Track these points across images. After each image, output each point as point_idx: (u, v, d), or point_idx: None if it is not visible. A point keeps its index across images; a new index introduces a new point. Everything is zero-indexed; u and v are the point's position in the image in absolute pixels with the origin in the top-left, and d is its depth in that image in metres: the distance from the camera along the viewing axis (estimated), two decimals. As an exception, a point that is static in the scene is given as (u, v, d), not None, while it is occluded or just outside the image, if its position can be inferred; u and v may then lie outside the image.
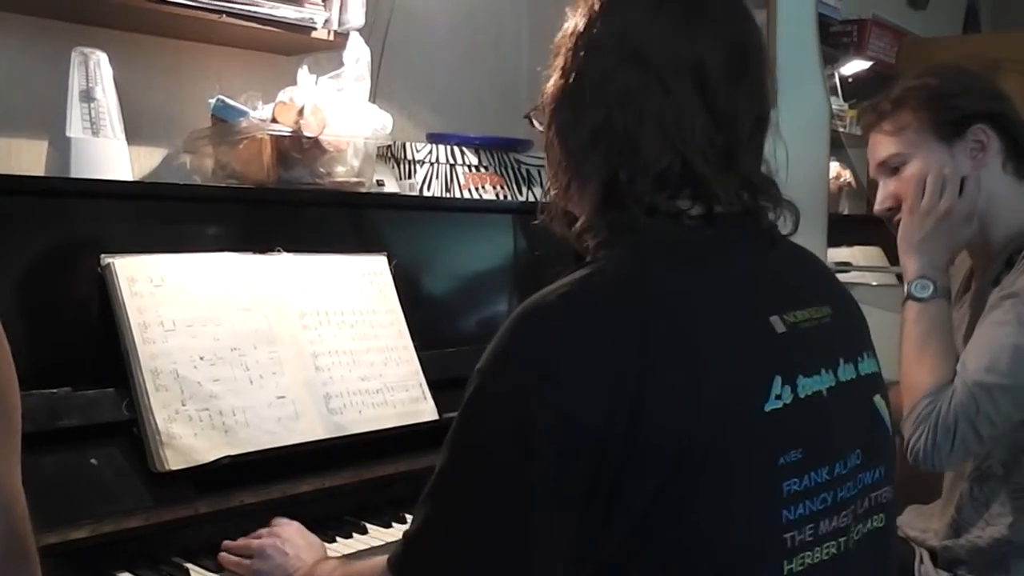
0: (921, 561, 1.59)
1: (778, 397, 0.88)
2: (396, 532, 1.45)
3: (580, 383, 0.83)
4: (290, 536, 1.29)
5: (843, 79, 3.23)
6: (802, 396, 0.90)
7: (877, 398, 1.01)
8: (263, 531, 1.32)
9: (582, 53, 0.96)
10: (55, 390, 1.31)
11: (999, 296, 1.43)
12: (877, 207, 1.63)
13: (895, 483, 1.01)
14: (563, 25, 1.01)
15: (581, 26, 0.97)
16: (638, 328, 0.84)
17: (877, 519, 0.98)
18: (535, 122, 1.10)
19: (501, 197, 2.07)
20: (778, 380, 0.88)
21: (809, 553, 0.89)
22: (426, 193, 1.97)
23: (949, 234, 1.54)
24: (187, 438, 1.34)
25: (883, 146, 1.59)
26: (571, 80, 0.96)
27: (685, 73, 0.92)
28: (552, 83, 0.99)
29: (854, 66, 3.30)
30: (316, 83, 1.72)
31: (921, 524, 1.62)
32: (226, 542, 1.32)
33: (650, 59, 0.92)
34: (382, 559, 0.98)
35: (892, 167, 1.59)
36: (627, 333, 0.84)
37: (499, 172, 2.09)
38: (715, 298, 0.90)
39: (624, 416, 0.82)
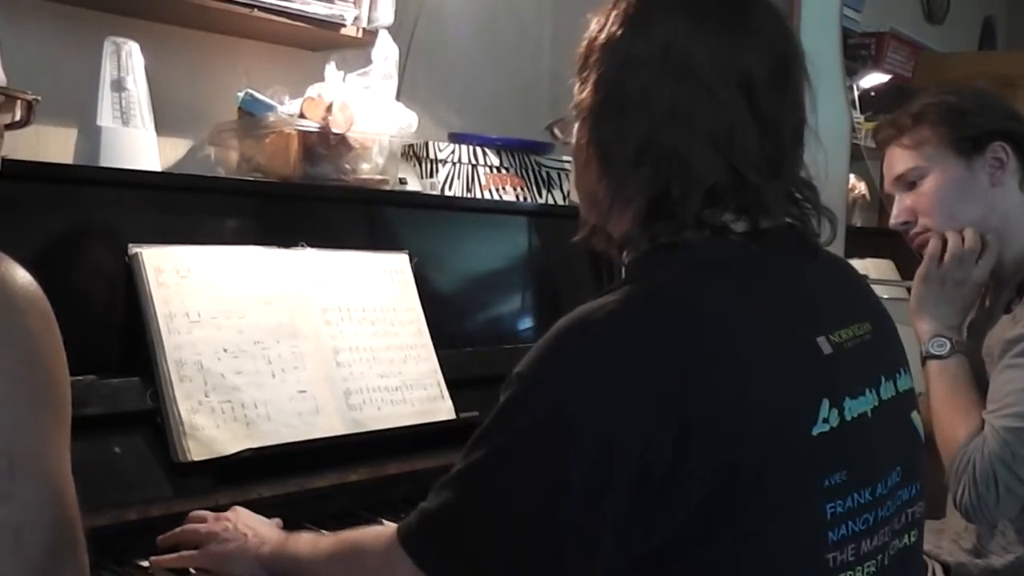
0: (933, 574, 1.60)
1: (825, 421, 0.87)
2: (412, 529, 1.45)
3: (624, 404, 0.83)
4: (241, 518, 1.21)
5: (861, 92, 3.24)
6: (848, 419, 0.90)
7: (914, 414, 1.02)
8: (207, 515, 1.23)
9: (619, 65, 0.93)
10: (80, 378, 1.30)
11: (1010, 340, 1.44)
12: (893, 221, 1.64)
13: (925, 498, 1.02)
14: (587, 32, 0.99)
15: (615, 37, 0.94)
16: (685, 350, 0.84)
17: (911, 535, 0.99)
18: (557, 133, 1.09)
19: (521, 199, 2.08)
20: (826, 404, 0.88)
21: (851, 573, 0.89)
22: (447, 193, 1.97)
23: (961, 299, 1.57)
24: (209, 429, 1.35)
25: (901, 160, 1.60)
26: (609, 95, 0.94)
27: (733, 83, 0.91)
28: (585, 96, 0.96)
29: (872, 79, 3.31)
30: (344, 80, 1.73)
31: (933, 539, 1.62)
32: (161, 538, 1.22)
33: (697, 71, 0.91)
34: (384, 530, 0.97)
35: (909, 181, 1.60)
36: (673, 356, 0.84)
37: (520, 174, 2.10)
38: (762, 320, 0.89)
39: (669, 439, 0.81)
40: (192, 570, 1.20)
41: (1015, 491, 1.38)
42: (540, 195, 2.12)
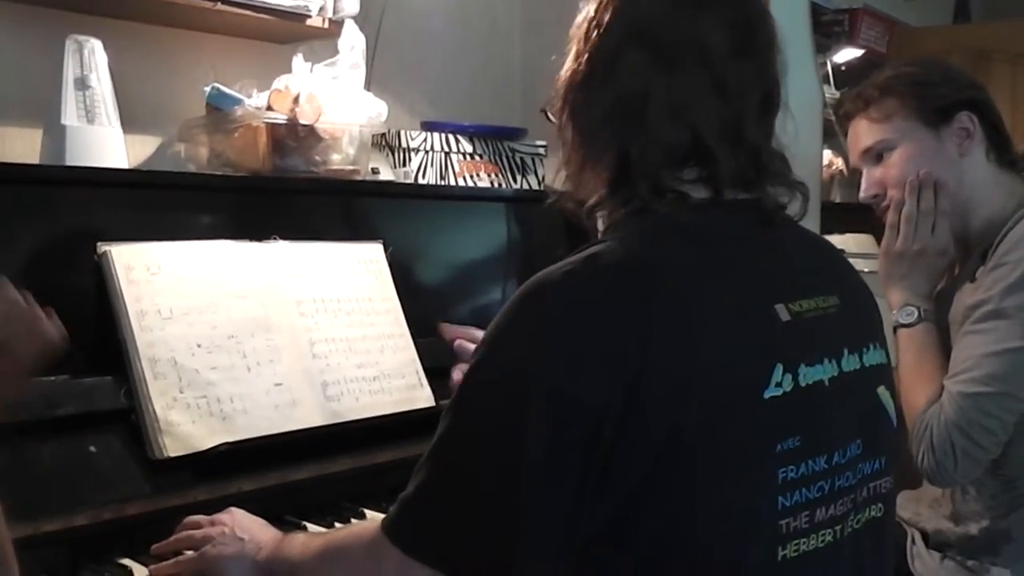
0: (913, 542, 1.61)
1: (778, 385, 0.88)
2: (394, 518, 1.45)
3: (578, 360, 0.84)
4: (237, 521, 1.21)
5: (835, 67, 3.24)
6: (803, 385, 0.90)
7: (881, 389, 1.02)
8: (202, 519, 1.23)
9: (592, 36, 0.98)
10: (53, 378, 1.31)
11: (970, 306, 1.45)
12: (863, 194, 1.64)
13: (896, 474, 1.02)
14: (576, 15, 1.03)
15: (592, 11, 0.99)
16: (640, 309, 0.85)
17: (876, 508, 0.99)
18: (550, 115, 1.11)
19: (495, 185, 2.08)
20: (779, 368, 0.89)
21: (804, 540, 0.90)
22: (421, 181, 1.97)
23: (926, 268, 1.57)
24: (185, 425, 1.34)
25: (869, 133, 1.60)
26: (582, 64, 0.98)
27: (689, 50, 0.94)
28: (566, 69, 1.01)
29: (846, 54, 3.32)
30: (311, 71, 1.72)
31: (912, 507, 1.64)
32: (156, 545, 1.22)
33: (654, 37, 0.94)
34: (370, 524, 0.98)
35: (877, 154, 1.60)
36: (628, 314, 0.85)
37: (493, 160, 2.09)
38: (720, 284, 0.90)
39: (620, 395, 0.83)
40: None
41: (972, 455, 1.39)
42: (515, 181, 2.12)
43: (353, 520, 1.43)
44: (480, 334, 1.03)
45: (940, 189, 1.54)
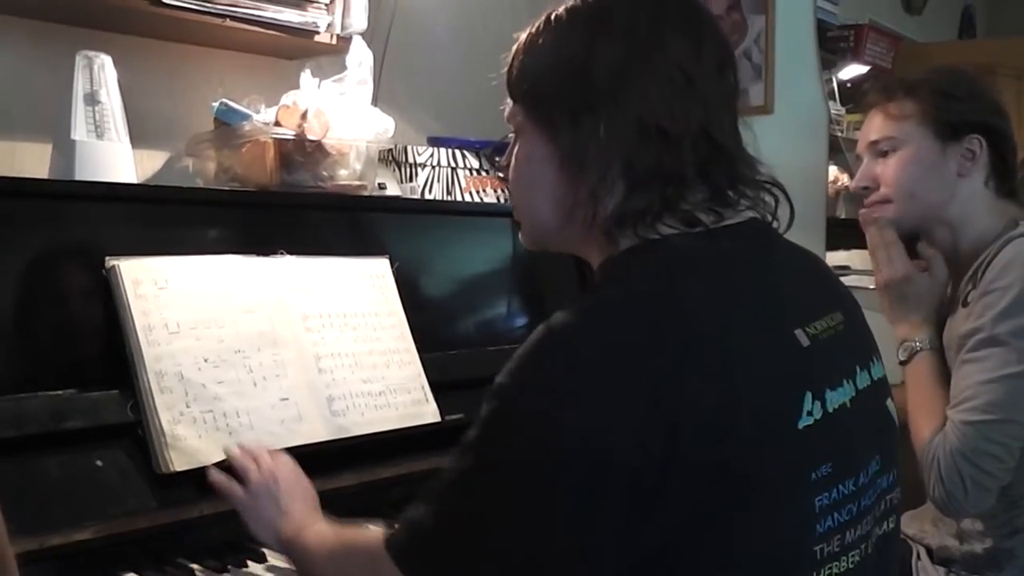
0: (918, 558, 1.61)
1: (809, 413, 0.87)
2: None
3: (610, 407, 0.81)
4: (283, 486, 1.25)
5: (840, 84, 3.25)
6: (830, 410, 0.89)
7: (889, 402, 1.02)
8: (264, 457, 1.29)
9: (581, 60, 0.93)
10: (60, 392, 1.31)
11: (963, 335, 1.45)
12: (854, 184, 1.65)
13: (902, 485, 1.02)
14: (518, 47, 1.03)
15: (570, 36, 0.95)
16: (671, 348, 0.82)
17: (890, 521, 0.99)
18: (498, 160, 1.11)
19: (502, 200, 2.08)
20: (809, 396, 0.87)
21: (836, 563, 0.89)
22: (427, 196, 1.98)
23: (902, 297, 1.58)
24: (191, 439, 1.35)
25: (880, 127, 1.60)
26: (578, 89, 0.93)
27: (698, 65, 0.93)
28: (553, 97, 0.96)
29: (851, 71, 3.32)
30: (319, 87, 1.74)
31: (917, 524, 1.64)
32: (234, 450, 1.31)
33: (665, 51, 0.92)
34: (375, 539, 0.96)
35: (882, 150, 1.60)
36: (660, 354, 0.82)
37: (500, 175, 2.10)
38: (741, 314, 0.88)
39: (659, 439, 0.80)
40: None
41: (981, 483, 1.39)
42: (521, 196, 2.12)
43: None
44: None
45: (886, 225, 1.58)
